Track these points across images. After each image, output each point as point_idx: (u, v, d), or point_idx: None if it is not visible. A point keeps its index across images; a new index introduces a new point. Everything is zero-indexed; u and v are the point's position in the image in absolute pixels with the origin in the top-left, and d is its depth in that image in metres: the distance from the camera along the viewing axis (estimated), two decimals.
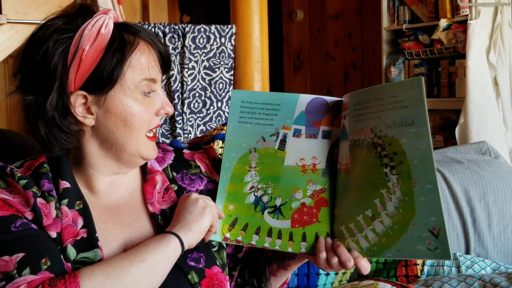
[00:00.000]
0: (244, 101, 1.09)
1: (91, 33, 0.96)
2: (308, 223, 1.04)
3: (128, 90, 0.99)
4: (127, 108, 0.99)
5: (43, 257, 0.92)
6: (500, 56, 2.82)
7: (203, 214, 1.01)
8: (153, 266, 0.93)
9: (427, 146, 0.91)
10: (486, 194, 1.70)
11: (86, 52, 0.95)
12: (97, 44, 0.96)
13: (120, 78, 0.98)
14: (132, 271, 0.92)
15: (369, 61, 3.88)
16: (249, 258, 1.22)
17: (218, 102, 2.94)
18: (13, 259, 0.90)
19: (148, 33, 1.04)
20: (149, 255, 0.94)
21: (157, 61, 1.04)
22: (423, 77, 0.94)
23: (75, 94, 0.98)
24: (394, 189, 0.94)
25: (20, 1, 2.35)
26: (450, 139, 3.03)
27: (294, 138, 1.07)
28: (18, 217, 0.95)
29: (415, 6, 3.21)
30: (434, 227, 0.90)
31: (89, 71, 0.96)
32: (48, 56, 0.96)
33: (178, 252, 0.97)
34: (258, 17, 2.78)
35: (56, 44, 0.96)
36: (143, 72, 1.00)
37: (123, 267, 0.92)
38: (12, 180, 0.98)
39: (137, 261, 0.93)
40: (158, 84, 1.04)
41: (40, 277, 0.90)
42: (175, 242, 0.97)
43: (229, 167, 1.08)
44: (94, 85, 0.97)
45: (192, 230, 0.99)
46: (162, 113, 1.04)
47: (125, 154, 1.02)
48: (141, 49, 1.01)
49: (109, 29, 0.98)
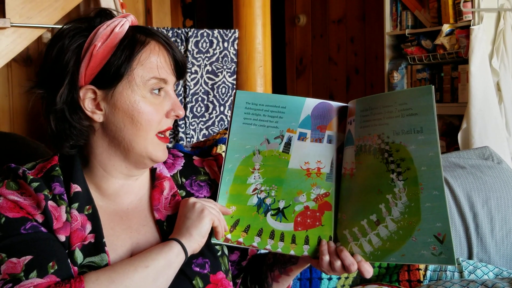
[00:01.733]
0: (248, 102, 1.08)
1: (106, 31, 0.99)
2: (311, 226, 1.04)
3: (136, 87, 0.99)
4: (134, 104, 0.99)
5: (50, 261, 0.92)
6: (503, 62, 2.82)
7: (201, 217, 1.00)
8: (156, 272, 0.94)
9: (435, 153, 0.91)
10: (488, 199, 1.70)
11: (98, 48, 0.98)
12: (110, 41, 0.99)
13: (128, 74, 0.99)
14: (136, 277, 0.92)
15: (371, 66, 3.89)
16: (251, 265, 1.22)
17: (221, 106, 2.94)
18: (21, 262, 0.90)
19: (164, 36, 1.05)
20: (152, 261, 0.94)
21: (169, 64, 1.04)
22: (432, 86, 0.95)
23: (85, 88, 0.99)
24: (400, 195, 0.94)
25: (23, 5, 2.36)
26: (453, 144, 3.03)
27: (299, 142, 1.07)
28: (29, 220, 0.95)
29: (418, 11, 3.22)
30: (439, 233, 0.90)
31: (99, 67, 0.98)
32: (62, 52, 0.99)
33: (182, 258, 0.98)
34: (261, 21, 2.79)
35: (71, 40, 1.00)
36: (153, 70, 1.00)
37: (127, 273, 0.92)
38: (24, 182, 0.98)
39: (141, 267, 0.93)
40: (169, 85, 1.04)
41: (47, 280, 0.90)
42: (178, 248, 0.97)
43: (232, 168, 1.07)
44: (103, 80, 0.99)
45: (192, 236, 0.99)
46: (172, 115, 1.04)
47: (133, 154, 1.02)
48: (152, 48, 1.01)
49: (124, 29, 1.00)
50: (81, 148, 1.04)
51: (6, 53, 2.37)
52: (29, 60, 3.16)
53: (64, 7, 2.47)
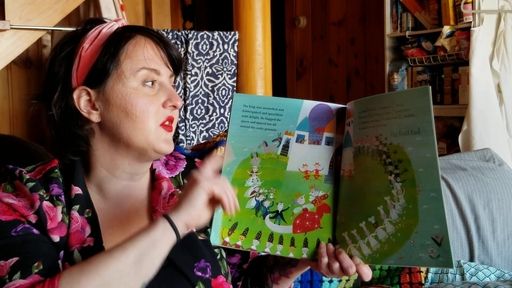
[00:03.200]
0: (246, 105, 1.08)
1: (94, 34, 1.01)
2: (310, 229, 1.03)
3: (126, 80, 0.99)
4: (126, 97, 0.99)
5: (36, 261, 0.91)
6: (504, 63, 2.81)
7: (193, 187, 0.91)
8: (138, 253, 0.87)
9: (432, 155, 0.90)
10: (490, 201, 1.70)
11: (86, 50, 1.00)
12: (97, 41, 1.00)
13: (116, 68, 0.99)
14: (111, 262, 0.85)
15: (372, 68, 3.88)
16: (252, 267, 1.22)
17: (221, 108, 2.94)
18: (7, 264, 0.90)
19: (152, 30, 1.05)
20: (132, 243, 0.87)
21: (160, 56, 1.03)
22: (429, 86, 0.94)
23: (78, 90, 1.00)
24: (398, 197, 0.94)
25: (23, 7, 2.36)
26: (453, 146, 3.02)
27: (297, 144, 1.06)
28: (21, 222, 0.95)
29: (418, 13, 3.22)
30: (437, 235, 0.90)
31: (88, 67, 1.00)
32: (54, 61, 1.02)
33: (170, 234, 0.89)
34: (261, 23, 2.79)
35: (62, 48, 1.02)
36: (141, 61, 1.00)
37: (101, 261, 0.86)
38: (20, 182, 0.98)
39: (118, 251, 0.87)
40: (163, 76, 1.04)
41: (29, 281, 0.89)
42: (164, 224, 0.89)
43: (230, 171, 1.06)
44: (93, 78, 1.00)
45: (182, 207, 0.91)
46: (169, 105, 1.02)
47: (134, 148, 1.01)
48: (138, 40, 1.02)
49: (111, 30, 1.02)
50: (82, 153, 1.04)
51: (6, 55, 2.37)
52: (29, 62, 3.17)
53: (63, 10, 2.47)
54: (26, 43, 2.43)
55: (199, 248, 1.06)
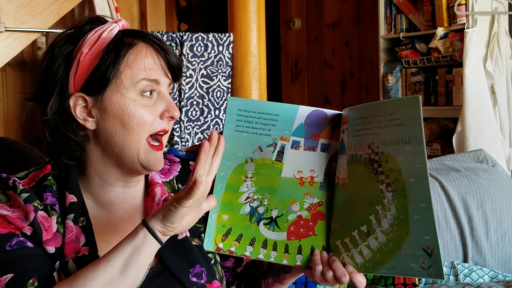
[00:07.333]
0: (241, 109, 1.06)
1: (93, 37, 0.98)
2: (304, 236, 1.03)
3: (124, 90, 0.97)
4: (124, 108, 0.97)
5: (31, 278, 0.90)
6: (497, 65, 2.83)
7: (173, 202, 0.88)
8: (123, 263, 0.87)
9: (422, 165, 0.90)
10: (483, 202, 1.70)
11: (85, 55, 0.97)
12: (96, 46, 0.97)
13: (116, 77, 0.97)
14: (98, 275, 0.86)
15: (366, 69, 3.89)
16: (246, 272, 1.21)
17: (216, 110, 2.94)
18: (2, 281, 0.89)
19: (154, 37, 1.02)
20: (116, 253, 0.88)
21: (160, 65, 1.01)
22: (420, 92, 0.94)
23: (74, 96, 0.98)
24: (389, 206, 0.93)
25: (18, 9, 2.35)
26: (447, 147, 3.04)
27: (292, 150, 1.05)
28: (15, 235, 0.94)
29: (412, 14, 3.22)
30: (428, 246, 0.89)
31: (87, 73, 0.97)
32: (52, 62, 0.99)
33: (151, 239, 0.88)
34: (256, 25, 2.79)
35: (60, 49, 0.99)
36: (142, 72, 0.98)
37: (88, 274, 0.87)
38: (14, 193, 0.97)
39: (103, 263, 0.87)
40: (162, 86, 1.01)
41: None
42: (143, 231, 0.89)
43: (224, 176, 1.05)
44: (91, 86, 0.97)
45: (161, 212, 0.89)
46: (167, 116, 1.01)
47: (125, 159, 0.99)
48: (139, 49, 0.99)
49: (112, 34, 0.98)
50: (77, 157, 1.03)
51: (1, 57, 2.36)
52: (23, 65, 3.16)
53: (58, 12, 2.46)
54: (21, 45, 2.42)
55: (194, 253, 1.04)
